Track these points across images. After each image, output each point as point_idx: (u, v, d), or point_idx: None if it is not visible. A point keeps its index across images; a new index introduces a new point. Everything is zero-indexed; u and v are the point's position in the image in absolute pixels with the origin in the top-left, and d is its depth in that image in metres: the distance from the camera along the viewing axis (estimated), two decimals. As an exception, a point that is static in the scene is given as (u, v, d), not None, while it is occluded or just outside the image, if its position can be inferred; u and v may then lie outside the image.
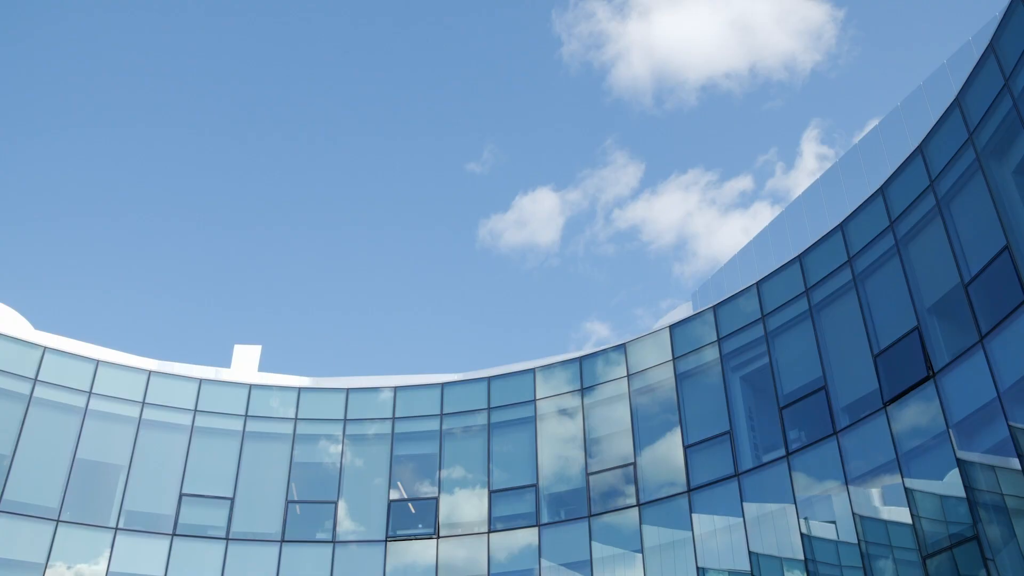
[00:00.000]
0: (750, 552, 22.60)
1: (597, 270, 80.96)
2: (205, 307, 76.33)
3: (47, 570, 24.07)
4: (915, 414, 19.98)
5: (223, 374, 29.32)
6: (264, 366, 30.96)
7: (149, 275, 74.15)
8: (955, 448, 18.60)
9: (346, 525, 27.44)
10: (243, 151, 73.06)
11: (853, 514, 20.74)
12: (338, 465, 28.32)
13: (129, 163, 71.44)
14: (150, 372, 27.96)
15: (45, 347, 26.53)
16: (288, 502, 27.39)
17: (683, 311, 28.00)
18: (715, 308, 26.24)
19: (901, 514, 19.85)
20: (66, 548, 24.61)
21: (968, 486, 18.16)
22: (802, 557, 21.53)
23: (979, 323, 18.34)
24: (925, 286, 20.47)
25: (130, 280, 75.09)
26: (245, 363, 30.50)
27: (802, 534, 21.72)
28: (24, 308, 28.46)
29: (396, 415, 29.04)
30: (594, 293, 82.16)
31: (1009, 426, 17.22)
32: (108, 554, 25.01)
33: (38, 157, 68.93)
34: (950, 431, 18.78)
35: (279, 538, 26.69)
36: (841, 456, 21.42)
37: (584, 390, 27.90)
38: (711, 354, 25.74)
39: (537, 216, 75.63)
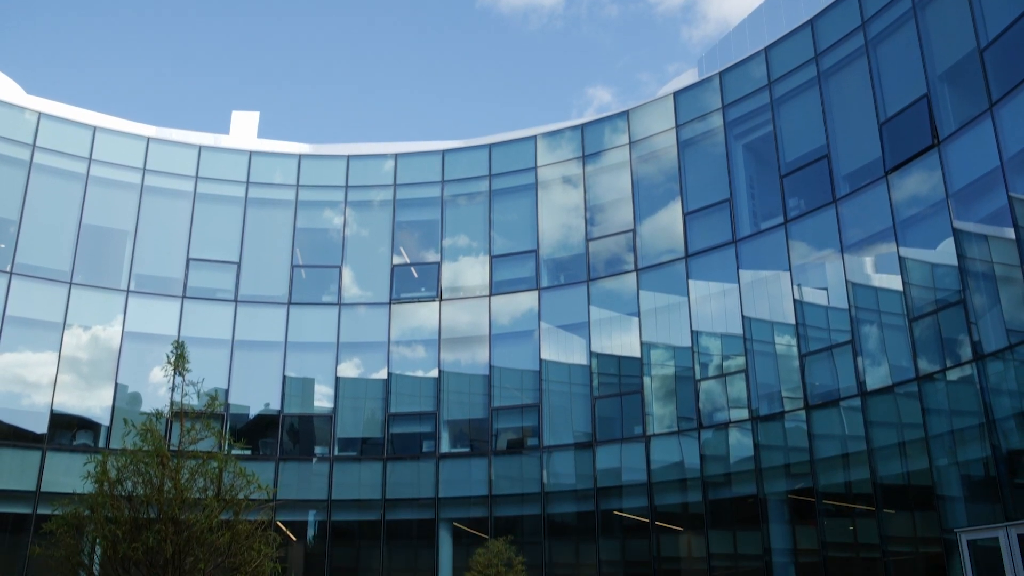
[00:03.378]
0: (743, 316, 23.29)
1: (602, 33, 78.17)
2: (201, 73, 74.58)
3: (65, 330, 25.02)
4: (916, 183, 19.93)
5: (222, 141, 29.08)
6: (262, 133, 30.69)
7: (142, 40, 71.91)
8: (952, 217, 18.70)
9: (351, 289, 28.19)
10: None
11: (846, 281, 21.19)
12: (341, 231, 28.69)
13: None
14: (149, 139, 27.74)
15: (40, 112, 26.17)
16: (293, 266, 28.00)
17: (688, 77, 27.28)
18: (721, 74, 25.54)
19: (892, 281, 20.27)
20: (81, 309, 25.46)
21: (960, 255, 18.42)
22: (793, 322, 22.21)
23: (990, 90, 17.93)
24: (939, 52, 19.80)
25: (122, 45, 72.92)
26: (243, 130, 30.18)
27: (795, 300, 22.30)
28: (13, 73, 27.82)
29: (397, 182, 29.07)
30: (598, 57, 79.80)
31: (1008, 196, 17.22)
32: (122, 315, 25.90)
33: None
34: (949, 200, 18.81)
35: (286, 301, 27.52)
36: (839, 224, 21.59)
37: (586, 157, 27.73)
38: (715, 121, 25.34)
39: (543, -26, 72.07)
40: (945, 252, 18.89)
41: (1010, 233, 17.30)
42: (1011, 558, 16.28)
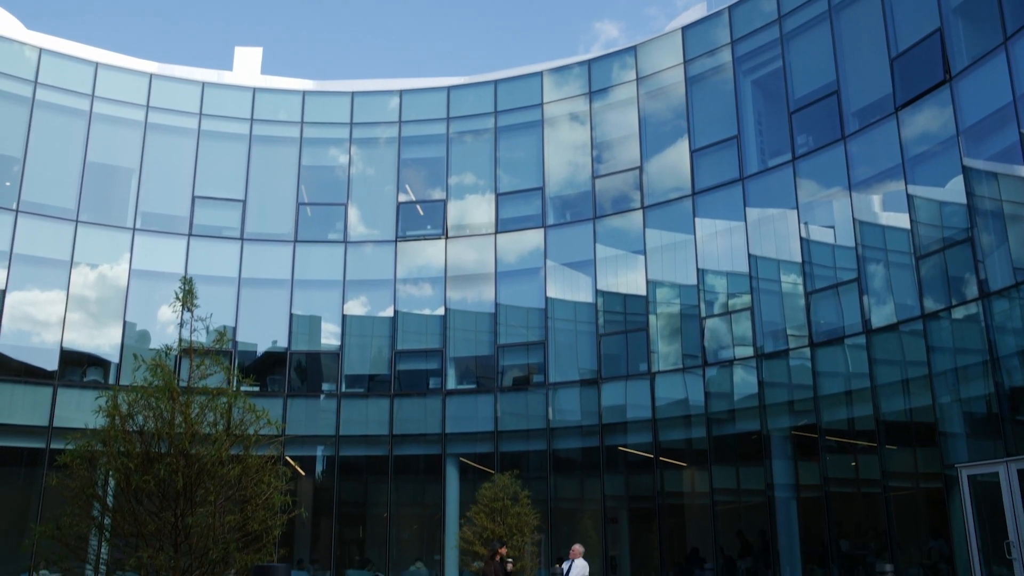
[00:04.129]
0: (749, 255, 23.26)
1: (613, -34, 76.69)
2: (203, 8, 73.53)
3: (72, 268, 25.11)
4: (926, 119, 19.71)
5: (225, 77, 28.80)
6: (266, 70, 30.34)
7: (143, -29, 70.79)
8: (962, 155, 18.54)
9: (357, 227, 28.17)
10: None
11: (853, 219, 21.10)
12: (346, 168, 28.57)
13: None
14: (151, 75, 27.49)
15: (41, 48, 25.92)
16: (299, 204, 27.95)
17: (697, 12, 26.82)
18: (730, 8, 25.11)
19: (899, 219, 20.18)
20: (88, 248, 25.51)
21: (969, 192, 18.30)
22: (799, 260, 22.19)
23: (1006, 23, 17.63)
24: (953, -16, 19.43)
25: (124, -24, 71.80)
26: (246, 66, 29.86)
27: (801, 238, 22.23)
28: (13, 7, 27.48)
29: (402, 119, 28.84)
30: (609, -9, 78.40)
31: (1020, 132, 17.05)
32: (129, 253, 25.97)
33: None
34: (959, 137, 18.63)
35: (292, 238, 27.53)
36: (847, 161, 21.42)
37: (592, 94, 27.44)
38: (723, 57, 25.00)
39: (550, -95, 70.49)
40: (954, 190, 18.76)
41: (1020, 171, 17.17)
42: (1010, 493, 16.49)
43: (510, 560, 15.14)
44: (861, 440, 20.60)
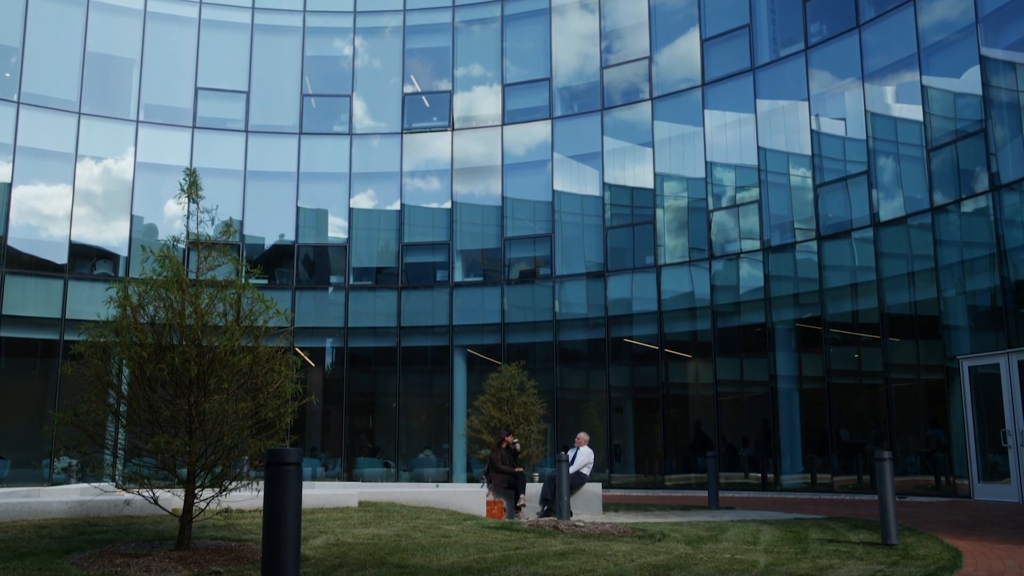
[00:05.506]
0: (758, 147, 23.02)
1: None
2: None
3: (77, 161, 25.00)
4: (945, 6, 19.21)
5: (225, -37, 28.01)
6: (266, -46, 29.45)
7: None
8: (980, 44, 18.13)
9: (363, 119, 27.86)
10: None
11: (865, 111, 20.78)
12: (350, 59, 28.08)
13: None
14: (148, -40, 26.78)
15: (34, -67, 25.20)
16: (303, 96, 27.58)
17: None
18: None
19: (912, 111, 19.88)
20: (92, 140, 25.34)
21: (985, 83, 17.96)
22: (809, 152, 21.96)
23: (1030, -95, 16.98)
24: None
25: None
26: (246, -49, 28.98)
27: (811, 130, 21.95)
28: None
29: (407, 7, 28.17)
30: None
31: (1039, 20, 16.62)
32: (133, 146, 25.80)
33: None
34: (978, 25, 18.18)
35: (297, 130, 27.28)
36: (861, 51, 20.97)
37: (602, -19, 26.68)
38: (737, -59, 24.20)
39: None
40: (969, 81, 18.41)
41: (1038, 60, 16.81)
42: (1009, 383, 16.73)
43: (517, 441, 15.50)
44: (865, 333, 20.79)
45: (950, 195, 18.70)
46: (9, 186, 23.87)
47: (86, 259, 25.06)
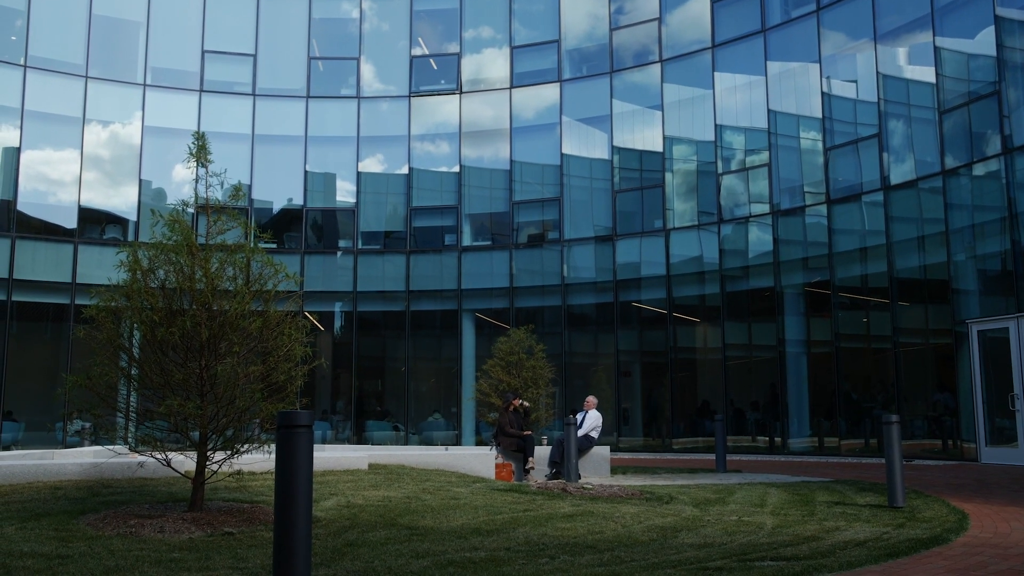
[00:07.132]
0: (769, 110, 22.84)
1: None
2: None
3: (85, 125, 24.96)
4: (959, -33, 18.93)
5: (230, -77, 27.73)
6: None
7: None
8: (995, 3, 17.89)
9: (371, 83, 27.70)
10: None
11: (877, 73, 20.57)
12: (358, 21, 27.86)
13: None
14: (153, -79, 26.52)
15: None
16: (310, 59, 27.42)
17: None
18: None
19: (925, 73, 19.68)
20: (99, 104, 25.29)
21: (999, 44, 17.75)
22: (819, 115, 21.79)
23: None
24: None
25: None
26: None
27: (822, 92, 21.75)
28: None
29: (414, -32, 27.90)
30: None
31: (1055, -20, 16.38)
32: (140, 110, 25.73)
33: None
34: (992, -15, 17.93)
35: (304, 94, 27.14)
36: (874, 12, 20.72)
37: (611, -59, 26.35)
38: (749, -101, 23.83)
39: None
40: (983, 42, 18.19)
41: (1053, 20, 16.58)
42: (1019, 347, 16.72)
43: (525, 403, 15.57)
44: (874, 297, 20.75)
45: (961, 158, 18.56)
46: (17, 151, 23.87)
47: (95, 224, 25.11)
